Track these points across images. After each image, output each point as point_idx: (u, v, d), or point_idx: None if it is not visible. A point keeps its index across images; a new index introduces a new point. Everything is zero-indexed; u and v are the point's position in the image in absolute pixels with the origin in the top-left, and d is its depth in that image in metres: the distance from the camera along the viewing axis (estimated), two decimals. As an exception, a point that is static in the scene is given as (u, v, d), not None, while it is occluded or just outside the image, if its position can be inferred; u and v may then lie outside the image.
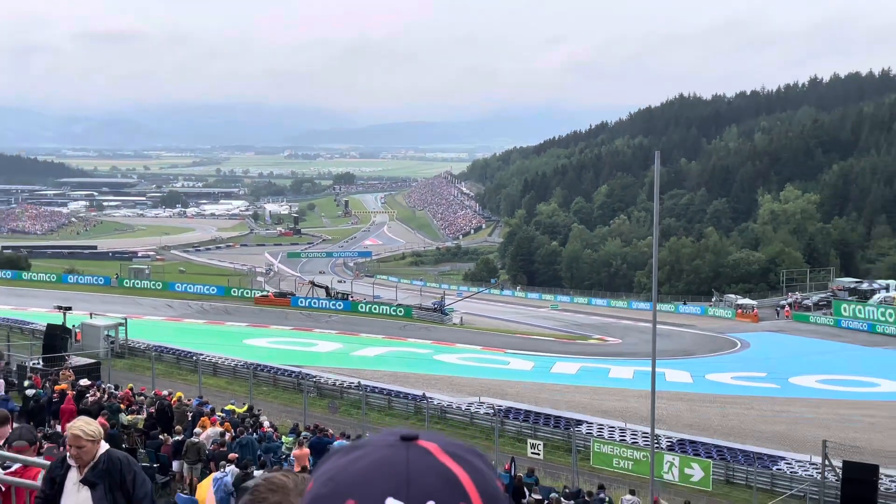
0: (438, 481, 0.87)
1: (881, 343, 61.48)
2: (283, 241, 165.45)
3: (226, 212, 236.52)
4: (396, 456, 0.90)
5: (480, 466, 0.93)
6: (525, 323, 73.95)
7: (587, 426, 33.69)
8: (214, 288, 79.35)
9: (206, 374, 37.60)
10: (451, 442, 0.96)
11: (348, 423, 30.35)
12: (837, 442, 25.43)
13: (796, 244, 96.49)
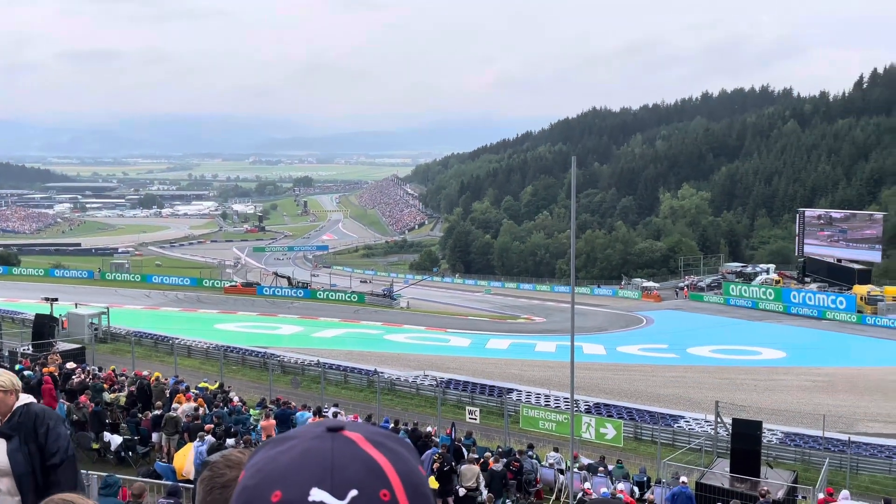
0: (361, 470, 0.82)
1: (763, 318, 62.98)
2: (249, 238, 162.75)
3: (197, 212, 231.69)
4: (322, 446, 0.83)
5: (404, 454, 0.87)
6: (463, 306, 74.14)
7: (517, 394, 33.94)
8: (188, 279, 77.83)
9: (181, 355, 36.80)
10: (375, 431, 0.91)
11: (309, 396, 30.05)
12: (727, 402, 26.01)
13: (692, 235, 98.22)
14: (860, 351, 49.81)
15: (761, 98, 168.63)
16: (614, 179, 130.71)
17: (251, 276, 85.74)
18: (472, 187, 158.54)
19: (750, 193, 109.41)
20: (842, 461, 25.21)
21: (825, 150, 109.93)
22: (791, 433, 29.18)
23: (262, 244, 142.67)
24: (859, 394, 37.20)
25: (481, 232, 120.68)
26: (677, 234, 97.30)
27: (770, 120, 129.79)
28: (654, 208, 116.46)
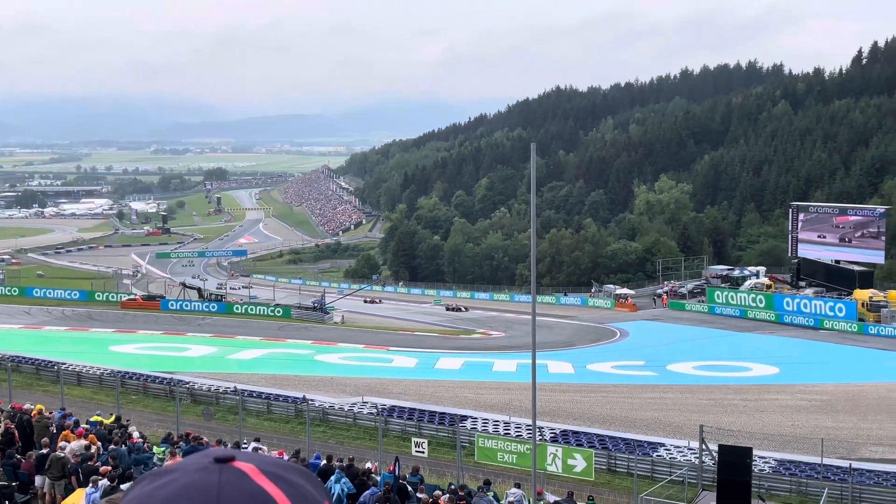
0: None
1: (752, 328, 64.33)
2: (152, 241, 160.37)
3: (88, 211, 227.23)
4: (207, 480, 0.82)
5: (304, 488, 0.87)
6: (408, 319, 74.11)
7: (472, 421, 34.04)
8: (77, 292, 76.20)
9: (69, 384, 36.01)
10: (272, 462, 0.89)
11: (225, 429, 29.68)
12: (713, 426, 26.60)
13: (671, 233, 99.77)
14: (862, 365, 51.02)
15: (748, 76, 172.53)
16: (582, 170, 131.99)
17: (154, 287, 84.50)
18: (417, 180, 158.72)
19: (736, 186, 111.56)
20: (843, 491, 25.94)
21: (821, 135, 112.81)
22: (785, 460, 29.91)
23: (166, 249, 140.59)
24: (861, 414, 38.27)
25: (429, 232, 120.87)
26: (654, 233, 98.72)
27: (758, 101, 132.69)
28: (628, 203, 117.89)
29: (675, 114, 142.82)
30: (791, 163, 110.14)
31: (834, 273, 69.76)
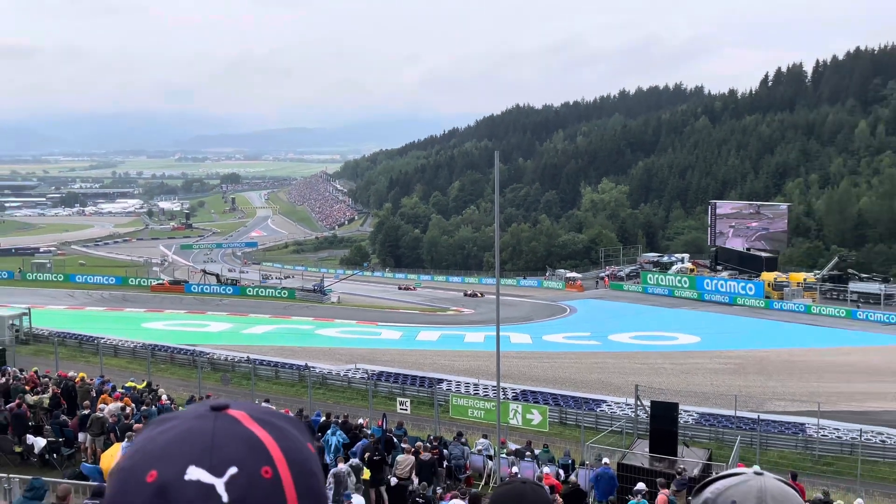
0: (242, 447, 0.77)
1: (679, 305, 64.89)
2: (176, 235, 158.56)
3: (122, 210, 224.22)
4: (203, 425, 0.79)
5: (290, 432, 0.83)
6: (393, 299, 74.01)
7: (447, 384, 34.11)
8: (113, 278, 75.28)
9: (107, 355, 35.63)
10: (261, 409, 0.86)
11: (240, 392, 29.56)
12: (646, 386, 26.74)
13: (611, 227, 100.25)
14: (768, 334, 51.58)
15: (675, 96, 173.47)
16: (538, 174, 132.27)
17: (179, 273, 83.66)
18: (400, 183, 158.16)
19: (665, 187, 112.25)
20: (752, 438, 26.25)
21: (734, 144, 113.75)
22: (705, 413, 30.21)
23: (189, 242, 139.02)
24: (768, 375, 38.75)
25: (410, 227, 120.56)
26: (598, 227, 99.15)
27: (683, 116, 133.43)
28: (576, 202, 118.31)
29: (615, 127, 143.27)
30: (710, 168, 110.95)
31: (745, 259, 70.50)
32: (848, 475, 23.80)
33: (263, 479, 0.76)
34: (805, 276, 64.97)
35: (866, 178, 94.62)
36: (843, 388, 35.38)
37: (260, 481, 0.75)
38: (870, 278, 64.14)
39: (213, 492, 0.73)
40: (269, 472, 0.76)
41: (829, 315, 57.49)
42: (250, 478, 0.75)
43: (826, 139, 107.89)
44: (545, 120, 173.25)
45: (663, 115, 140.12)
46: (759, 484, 1.10)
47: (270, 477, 0.76)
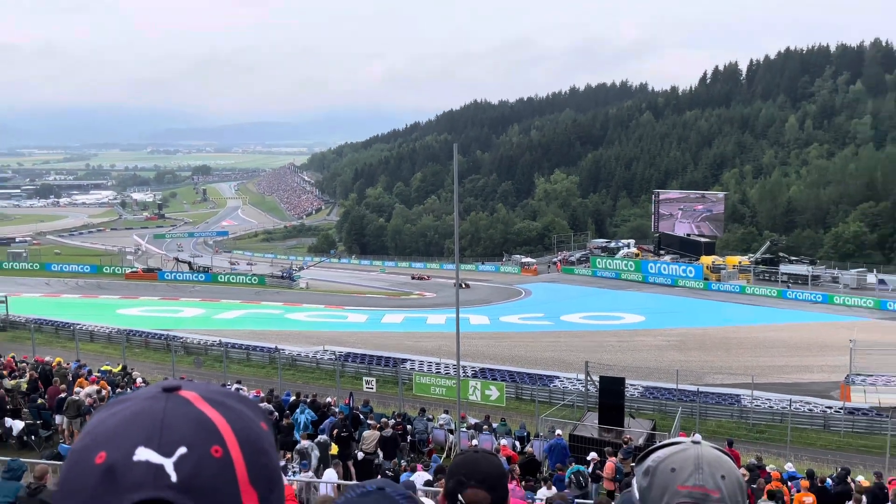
0: (192, 428, 0.73)
1: (626, 287, 65.63)
2: (149, 225, 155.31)
3: (96, 201, 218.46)
4: (154, 407, 0.75)
5: (243, 412, 0.79)
6: (360, 284, 73.66)
7: (411, 363, 34.12)
8: (88, 267, 73.57)
9: (83, 340, 34.86)
10: (214, 390, 0.81)
11: (212, 374, 29.21)
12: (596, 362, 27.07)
13: (563, 215, 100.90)
14: (707, 313, 52.42)
15: (621, 92, 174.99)
16: (495, 166, 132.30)
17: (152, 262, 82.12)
18: (365, 174, 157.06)
19: (612, 177, 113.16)
20: (692, 409, 26.77)
21: (676, 138, 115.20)
22: (650, 387, 30.76)
23: (162, 231, 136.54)
24: (706, 351, 39.52)
25: (375, 216, 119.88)
26: (551, 215, 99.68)
27: (629, 112, 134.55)
28: (531, 192, 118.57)
29: (566, 122, 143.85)
30: (653, 159, 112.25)
31: (686, 243, 71.60)
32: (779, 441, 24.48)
33: (213, 458, 0.72)
34: (740, 260, 66.17)
35: (795, 168, 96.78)
36: (774, 361, 36.29)
37: (210, 460, 0.72)
38: (798, 261, 65.68)
39: (162, 472, 0.70)
40: (219, 451, 0.73)
41: (762, 295, 58.71)
42: (200, 457, 0.71)
43: (759, 133, 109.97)
44: (501, 115, 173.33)
45: (610, 110, 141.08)
46: (697, 452, 1.12)
47: (221, 456, 0.73)
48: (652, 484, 1.13)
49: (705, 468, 1.10)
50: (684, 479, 1.10)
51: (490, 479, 1.74)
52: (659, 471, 1.13)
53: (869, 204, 76.28)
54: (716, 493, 1.09)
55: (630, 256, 73.82)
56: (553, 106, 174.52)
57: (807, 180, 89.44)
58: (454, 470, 1.78)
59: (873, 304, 53.24)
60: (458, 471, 1.76)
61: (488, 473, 1.75)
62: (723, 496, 1.09)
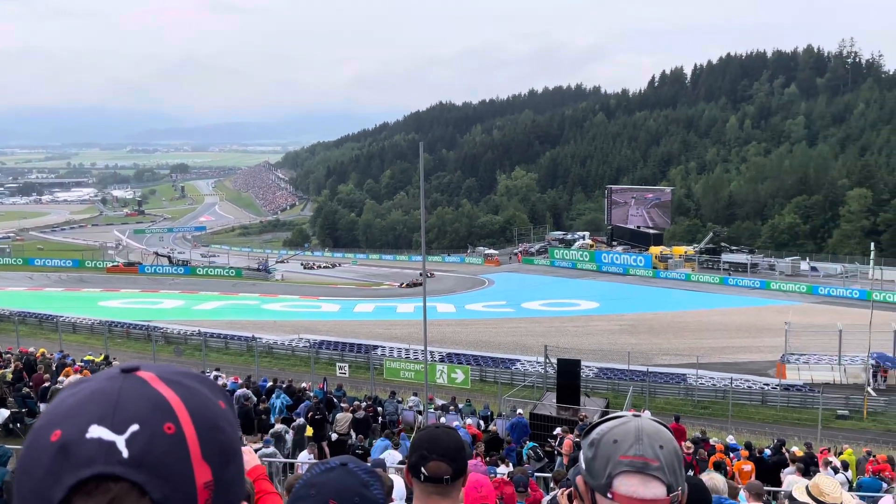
0: (146, 406, 0.71)
1: (581, 275, 66.13)
2: (130, 221, 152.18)
3: (77, 198, 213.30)
4: (110, 386, 0.73)
5: (199, 391, 0.77)
6: (332, 276, 73.18)
7: (381, 349, 34.08)
8: (70, 261, 71.82)
9: (66, 332, 34.10)
10: (173, 370, 0.79)
11: (192, 362, 28.79)
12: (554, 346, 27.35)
13: (523, 209, 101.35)
14: (655, 300, 53.08)
15: (577, 94, 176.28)
16: (459, 163, 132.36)
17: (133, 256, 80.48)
18: (337, 172, 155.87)
19: (569, 174, 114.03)
20: (643, 388, 27.21)
21: (626, 137, 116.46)
22: (604, 368, 31.12)
23: (142, 227, 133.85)
24: (655, 334, 40.09)
25: (347, 211, 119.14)
26: (512, 209, 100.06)
27: (583, 113, 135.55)
28: (493, 188, 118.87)
29: (525, 122, 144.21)
30: (606, 157, 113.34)
31: (636, 235, 72.37)
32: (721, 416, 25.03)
33: (165, 434, 0.70)
34: (686, 250, 67.03)
35: (736, 165, 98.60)
36: (717, 343, 36.94)
37: (162, 437, 0.70)
38: (738, 250, 66.86)
39: (114, 448, 0.68)
40: (171, 427, 0.71)
41: (706, 282, 59.61)
42: (152, 434, 0.70)
43: (703, 132, 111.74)
44: (465, 115, 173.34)
45: (567, 111, 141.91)
46: (637, 424, 1.15)
47: (173, 433, 0.71)
48: (596, 455, 1.15)
49: (645, 439, 1.13)
50: (626, 450, 1.12)
51: (450, 452, 1.76)
52: (602, 442, 1.15)
53: (802, 197, 78.07)
54: (655, 461, 1.11)
55: (585, 247, 74.34)
56: (513, 107, 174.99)
57: (746, 176, 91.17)
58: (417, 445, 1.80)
59: (806, 290, 54.49)
60: (421, 445, 1.78)
61: (448, 447, 1.78)
62: (661, 464, 1.12)
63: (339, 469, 1.27)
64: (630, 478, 1.11)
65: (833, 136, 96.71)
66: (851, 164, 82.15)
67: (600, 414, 18.71)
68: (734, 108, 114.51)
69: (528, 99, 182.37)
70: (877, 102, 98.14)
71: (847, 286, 53.07)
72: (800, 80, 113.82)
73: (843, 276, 57.54)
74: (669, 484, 1.12)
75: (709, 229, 76.40)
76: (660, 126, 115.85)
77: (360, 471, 1.28)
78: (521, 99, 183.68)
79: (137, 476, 0.68)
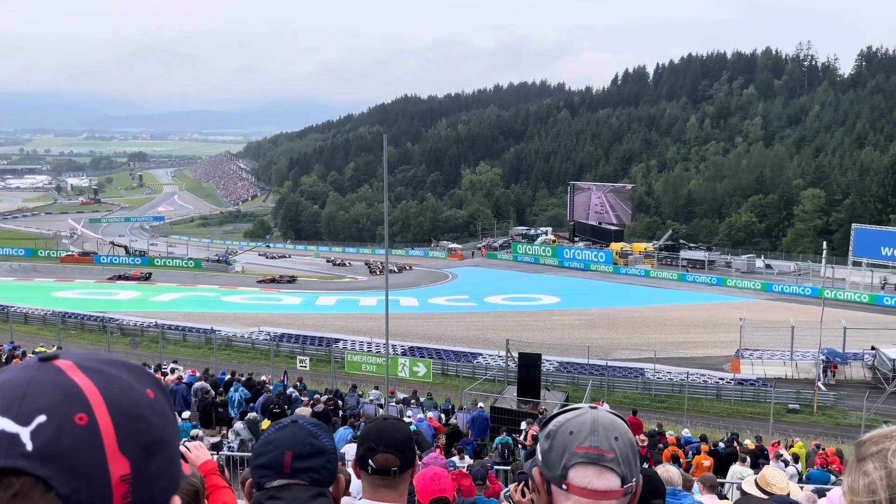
0: (56, 396, 0.67)
1: (543, 270, 66.71)
2: (85, 210, 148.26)
3: (30, 185, 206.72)
4: (22, 376, 0.69)
5: (120, 378, 0.72)
6: (294, 268, 72.38)
7: (343, 343, 33.88)
8: (22, 250, 69.74)
9: (17, 322, 33.07)
10: (95, 358, 0.74)
11: (149, 355, 28.18)
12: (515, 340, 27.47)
13: (487, 204, 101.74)
14: (615, 295, 53.80)
15: (541, 91, 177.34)
16: (424, 157, 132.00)
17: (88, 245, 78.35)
18: (300, 163, 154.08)
19: (532, 170, 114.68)
20: (602, 382, 27.58)
21: (590, 134, 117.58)
22: (564, 362, 31.45)
23: (98, 216, 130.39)
24: (614, 329, 40.67)
25: (310, 203, 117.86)
26: (476, 204, 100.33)
27: (548, 109, 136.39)
28: (457, 182, 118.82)
29: (490, 117, 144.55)
30: (570, 153, 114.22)
31: (598, 231, 73.24)
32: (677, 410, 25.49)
33: (76, 425, 0.66)
34: (645, 246, 67.99)
35: (695, 163, 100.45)
36: (674, 338, 37.65)
37: (71, 428, 0.66)
38: (696, 247, 68.19)
39: (17, 440, 0.64)
40: (83, 418, 0.66)
41: (665, 278, 60.59)
42: (60, 425, 0.65)
43: (664, 130, 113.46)
44: (430, 109, 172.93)
45: (531, 107, 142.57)
46: (593, 416, 1.17)
47: (85, 423, 0.66)
48: (552, 446, 1.16)
49: (600, 430, 1.13)
50: (581, 441, 1.13)
51: (398, 444, 1.77)
52: (559, 434, 1.16)
53: (758, 196, 79.93)
54: (610, 453, 1.12)
55: (548, 243, 74.98)
56: (479, 102, 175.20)
57: (705, 174, 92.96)
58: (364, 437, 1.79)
59: (761, 287, 55.80)
60: (369, 438, 1.78)
61: (396, 439, 1.79)
62: (616, 456, 1.12)
63: (290, 426, 1.55)
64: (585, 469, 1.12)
65: (789, 136, 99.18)
66: (806, 164, 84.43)
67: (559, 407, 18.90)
68: (695, 107, 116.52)
69: (494, 94, 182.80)
70: (831, 105, 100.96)
71: (800, 284, 54.54)
72: (758, 82, 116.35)
73: (796, 273, 59.08)
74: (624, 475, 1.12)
75: (668, 226, 77.64)
76: (622, 124, 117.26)
77: (308, 425, 1.56)
78: (486, 94, 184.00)
79: (41, 470, 0.64)
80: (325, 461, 1.51)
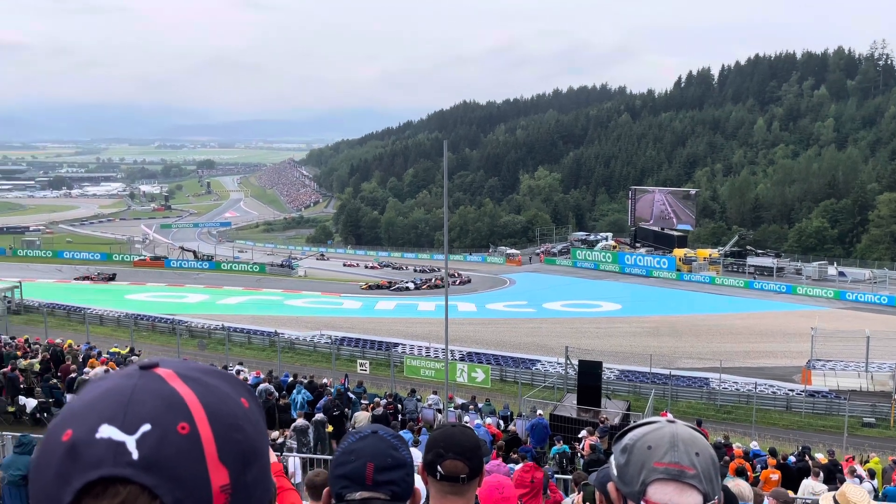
0: (159, 404, 0.68)
1: (603, 277, 65.91)
2: (157, 216, 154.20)
3: (106, 192, 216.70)
4: (125, 384, 0.70)
5: (218, 388, 0.73)
6: (354, 273, 73.51)
7: (402, 347, 34.15)
8: (98, 255, 73.07)
9: (93, 324, 34.65)
10: (193, 367, 0.76)
11: (215, 356, 29.09)
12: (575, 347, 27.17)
13: (546, 209, 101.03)
14: (678, 302, 52.74)
15: (601, 94, 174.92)
16: (482, 163, 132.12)
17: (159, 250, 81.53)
18: (361, 169, 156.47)
19: (592, 174, 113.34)
20: (665, 391, 26.97)
21: (652, 138, 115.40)
22: (625, 370, 30.88)
23: (168, 221, 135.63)
24: (678, 337, 39.73)
25: (370, 209, 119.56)
26: (534, 209, 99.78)
27: (608, 113, 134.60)
28: (515, 187, 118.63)
29: (549, 122, 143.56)
30: (631, 158, 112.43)
31: (660, 236, 71.77)
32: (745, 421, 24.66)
33: (179, 434, 0.67)
34: (710, 252, 66.46)
35: (763, 167, 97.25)
36: (741, 347, 36.53)
37: (175, 437, 0.66)
38: (764, 254, 66.11)
39: (123, 449, 0.65)
40: (185, 427, 0.67)
41: (730, 285, 59.07)
42: (164, 434, 0.66)
43: (729, 134, 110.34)
44: (489, 114, 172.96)
45: (591, 111, 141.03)
46: (672, 430, 1.12)
47: (187, 433, 0.67)
48: (629, 461, 1.12)
49: (680, 446, 1.09)
50: (660, 456, 1.08)
51: (466, 451, 1.77)
52: (636, 448, 1.12)
53: (830, 201, 76.78)
54: (691, 469, 1.07)
55: (608, 249, 74.00)
56: (537, 107, 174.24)
57: (773, 179, 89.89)
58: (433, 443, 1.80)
59: (833, 295, 53.65)
60: (437, 444, 1.79)
61: (465, 446, 1.78)
62: (697, 472, 1.07)
63: (371, 436, 1.50)
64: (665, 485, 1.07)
65: (863, 139, 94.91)
66: (881, 168, 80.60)
67: (621, 416, 18.55)
68: (762, 109, 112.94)
69: (553, 98, 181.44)
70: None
71: (875, 292, 52.11)
72: (830, 82, 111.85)
73: (871, 281, 56.51)
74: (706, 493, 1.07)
75: (734, 232, 75.62)
76: (686, 127, 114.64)
77: (388, 436, 1.52)
78: (545, 98, 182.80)
79: (147, 478, 0.64)
80: (404, 474, 1.48)
